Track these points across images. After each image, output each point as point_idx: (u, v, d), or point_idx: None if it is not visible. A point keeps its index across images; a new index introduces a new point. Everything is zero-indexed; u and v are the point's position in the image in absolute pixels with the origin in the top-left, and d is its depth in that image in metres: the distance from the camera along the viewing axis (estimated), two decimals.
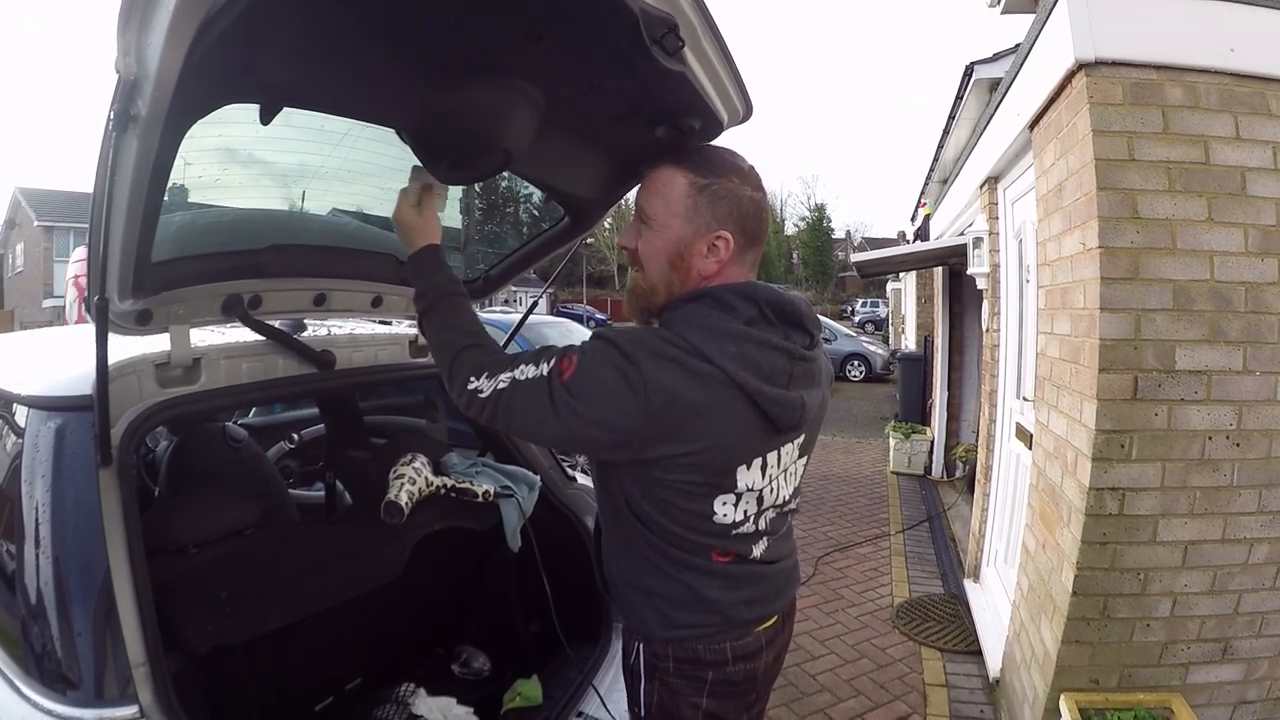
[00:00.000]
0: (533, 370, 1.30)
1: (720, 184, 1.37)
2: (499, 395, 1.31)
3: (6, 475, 1.56)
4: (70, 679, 1.35)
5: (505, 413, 1.31)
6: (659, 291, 1.43)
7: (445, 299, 1.49)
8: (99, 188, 1.15)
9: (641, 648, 1.47)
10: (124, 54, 0.98)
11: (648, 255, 1.42)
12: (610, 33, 1.25)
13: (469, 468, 2.32)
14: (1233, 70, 2.38)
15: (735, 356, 1.27)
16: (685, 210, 1.37)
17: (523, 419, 1.31)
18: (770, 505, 1.44)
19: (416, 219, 1.58)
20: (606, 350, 1.27)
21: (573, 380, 1.26)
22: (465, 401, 1.35)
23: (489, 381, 1.32)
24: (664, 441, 1.27)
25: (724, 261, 1.38)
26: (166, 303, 1.55)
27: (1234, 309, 2.37)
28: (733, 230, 1.37)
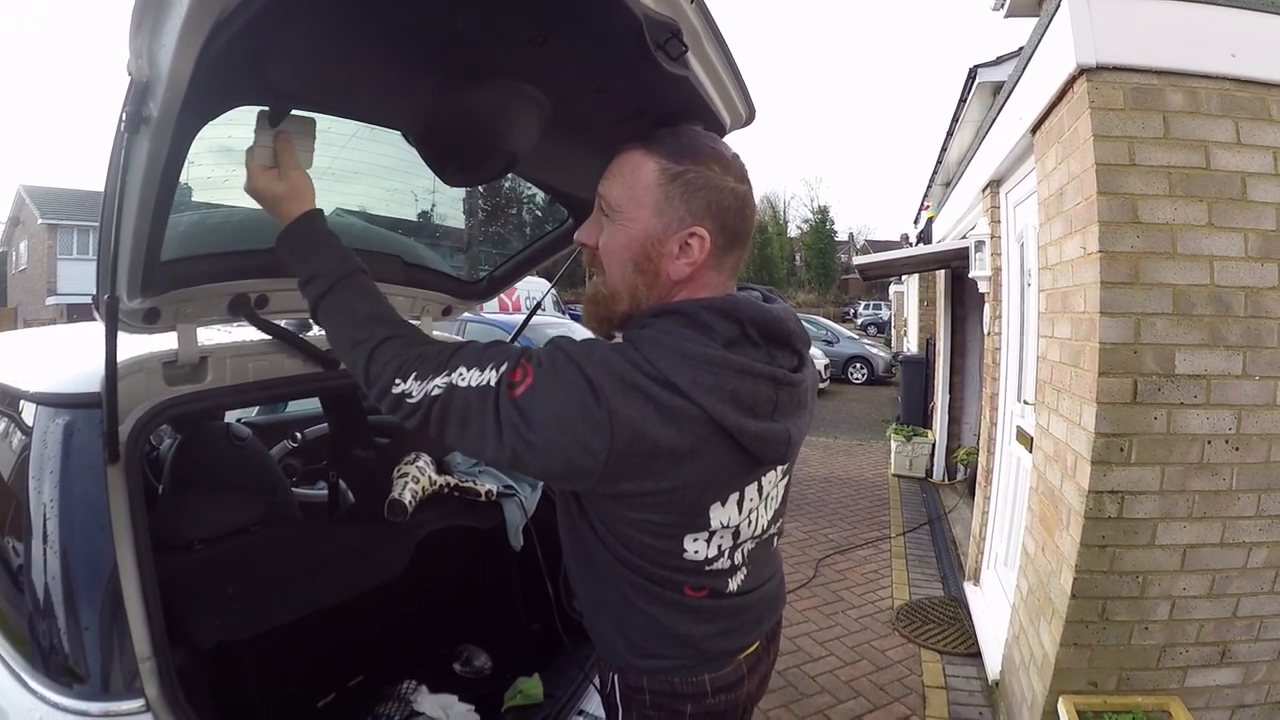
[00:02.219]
0: (476, 376, 1.09)
1: (697, 172, 1.17)
2: (432, 402, 1.10)
3: (15, 471, 1.57)
4: (77, 673, 1.36)
5: (438, 423, 1.11)
6: (621, 298, 1.22)
7: (345, 280, 1.25)
8: (110, 188, 1.17)
9: (616, 678, 1.33)
10: (136, 57, 0.99)
11: (609, 253, 1.22)
12: (614, 37, 1.26)
13: (472, 467, 2.34)
14: (1233, 75, 2.40)
15: (712, 388, 1.08)
16: (654, 201, 1.17)
17: (459, 433, 1.10)
18: (748, 538, 1.27)
19: (277, 184, 1.31)
20: (567, 370, 1.07)
21: (525, 399, 1.06)
22: (390, 405, 1.14)
23: (419, 384, 1.11)
24: (627, 480, 1.08)
25: (698, 264, 1.17)
26: (174, 301, 1.56)
27: (1234, 314, 2.38)
28: (710, 227, 1.16)
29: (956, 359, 8.20)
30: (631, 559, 1.20)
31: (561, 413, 1.04)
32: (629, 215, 1.19)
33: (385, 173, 1.96)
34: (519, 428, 1.05)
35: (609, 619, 1.30)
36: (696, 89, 1.46)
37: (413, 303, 2.26)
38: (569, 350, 1.09)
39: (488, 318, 8.84)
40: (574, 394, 1.04)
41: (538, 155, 1.68)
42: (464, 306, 2.45)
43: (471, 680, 2.37)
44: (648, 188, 1.17)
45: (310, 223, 1.30)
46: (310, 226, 1.30)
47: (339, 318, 1.23)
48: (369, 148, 1.78)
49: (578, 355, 1.08)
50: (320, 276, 1.25)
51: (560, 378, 1.06)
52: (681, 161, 1.18)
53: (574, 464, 1.06)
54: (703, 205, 1.16)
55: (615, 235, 1.20)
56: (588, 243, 1.26)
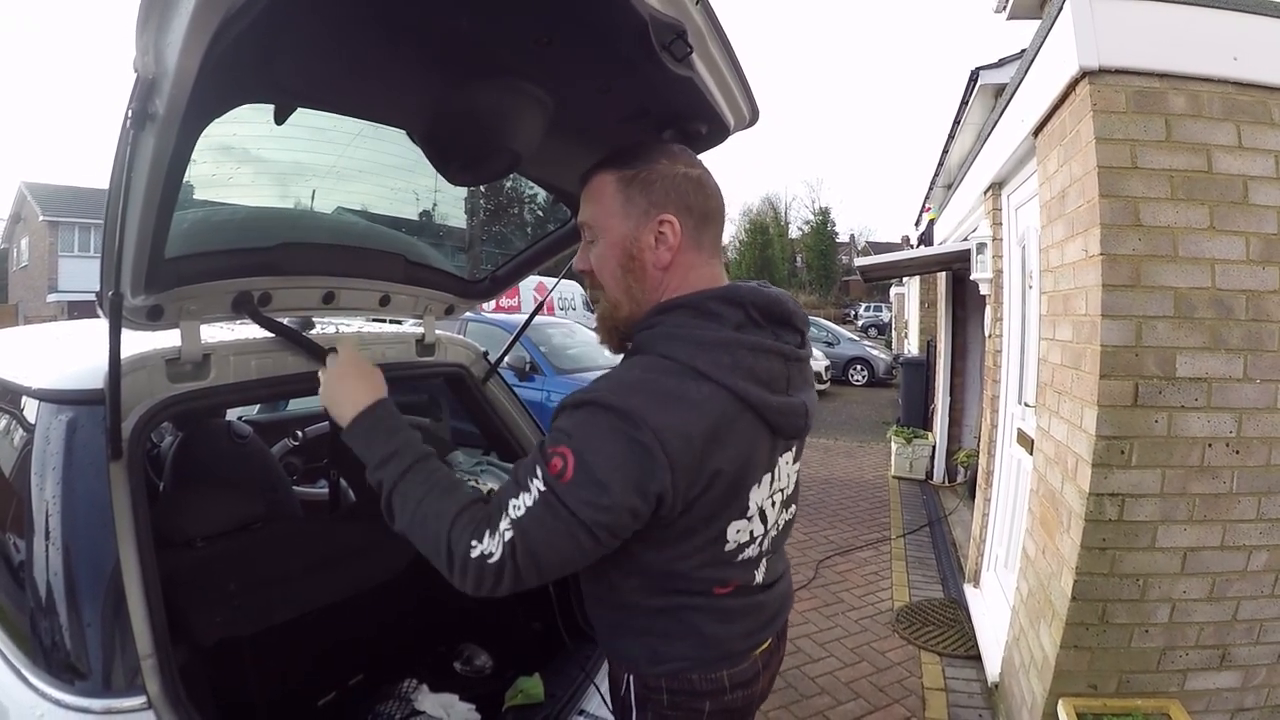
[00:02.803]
0: (526, 497, 1.11)
1: (648, 169, 1.26)
2: (512, 548, 1.10)
3: (17, 467, 1.57)
4: (79, 670, 1.36)
5: (529, 564, 1.10)
6: (621, 303, 1.30)
7: (421, 462, 1.25)
8: (115, 184, 1.17)
9: (632, 679, 1.35)
10: (143, 53, 0.99)
11: (601, 268, 1.31)
12: (619, 38, 1.26)
13: (474, 466, 2.34)
14: (1235, 79, 2.40)
15: (732, 368, 1.15)
16: (619, 206, 1.26)
17: (552, 553, 1.11)
18: (773, 523, 1.35)
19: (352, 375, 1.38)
20: (597, 418, 1.10)
21: (578, 476, 1.08)
22: (476, 575, 1.12)
23: (492, 539, 1.11)
24: (692, 481, 1.13)
25: (676, 248, 1.25)
26: (178, 299, 1.56)
27: (1235, 317, 2.39)
28: (675, 210, 1.25)
29: (957, 361, 8.20)
30: (676, 568, 1.24)
31: (617, 462, 1.08)
32: (604, 227, 1.28)
33: (389, 171, 1.96)
34: (591, 504, 1.08)
35: (630, 634, 1.33)
36: (701, 90, 1.46)
37: (415, 301, 2.26)
38: (590, 398, 1.13)
39: (488, 317, 8.84)
40: (615, 436, 1.09)
41: (541, 154, 1.69)
42: (466, 305, 2.45)
43: (472, 679, 2.37)
44: (611, 197, 1.27)
45: (385, 407, 1.34)
46: (385, 409, 1.33)
47: (418, 499, 1.21)
48: (373, 146, 1.78)
49: (600, 396, 1.12)
50: (396, 457, 1.25)
51: (594, 431, 1.10)
52: (633, 165, 1.27)
53: (650, 495, 1.10)
54: (662, 194, 1.25)
55: (600, 250, 1.30)
56: (584, 268, 1.34)
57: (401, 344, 2.31)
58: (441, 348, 2.41)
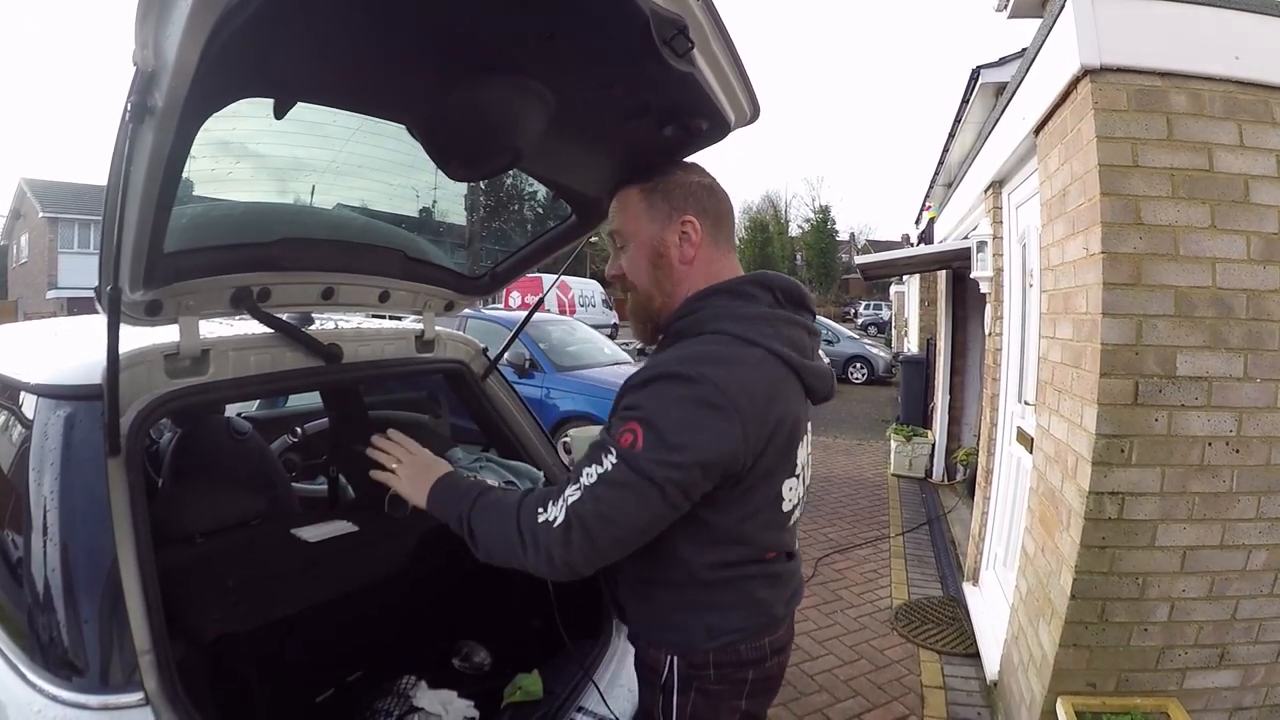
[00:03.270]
0: (598, 468, 1.22)
1: (666, 180, 1.45)
2: (577, 511, 1.20)
3: (15, 463, 1.57)
4: (76, 665, 1.36)
5: (597, 524, 1.20)
6: (655, 298, 1.46)
7: (484, 493, 1.41)
8: (114, 178, 1.16)
9: (675, 661, 1.42)
10: (142, 46, 0.99)
11: (633, 269, 1.47)
12: (621, 33, 1.26)
13: (473, 463, 2.34)
14: (1237, 78, 2.39)
15: (774, 336, 1.33)
16: (645, 212, 1.44)
17: (619, 518, 1.21)
18: (805, 488, 1.49)
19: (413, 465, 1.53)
20: (665, 388, 1.23)
21: (649, 441, 1.19)
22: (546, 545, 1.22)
23: (556, 506, 1.22)
24: (759, 435, 1.26)
25: (698, 244, 1.43)
26: (177, 294, 1.56)
27: (1235, 315, 2.38)
28: (694, 213, 1.43)
29: (957, 359, 8.20)
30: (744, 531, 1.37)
31: (688, 423, 1.20)
32: (633, 232, 1.46)
33: (388, 167, 1.96)
34: (663, 463, 1.18)
35: (686, 611, 1.41)
36: (702, 86, 1.46)
37: (414, 297, 2.26)
38: (654, 375, 1.26)
39: (488, 314, 8.83)
40: (685, 401, 1.21)
41: (541, 151, 1.68)
42: (466, 302, 2.45)
43: (471, 676, 2.37)
44: (636, 205, 1.45)
45: (449, 477, 1.49)
46: (449, 478, 1.48)
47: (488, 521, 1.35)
48: (373, 142, 1.77)
49: (666, 369, 1.25)
50: (466, 497, 1.40)
51: (664, 400, 1.22)
52: (653, 178, 1.46)
53: (724, 452, 1.22)
54: (681, 199, 1.44)
55: (631, 253, 1.47)
56: (616, 274, 1.51)
57: (401, 340, 2.31)
58: (441, 344, 2.41)
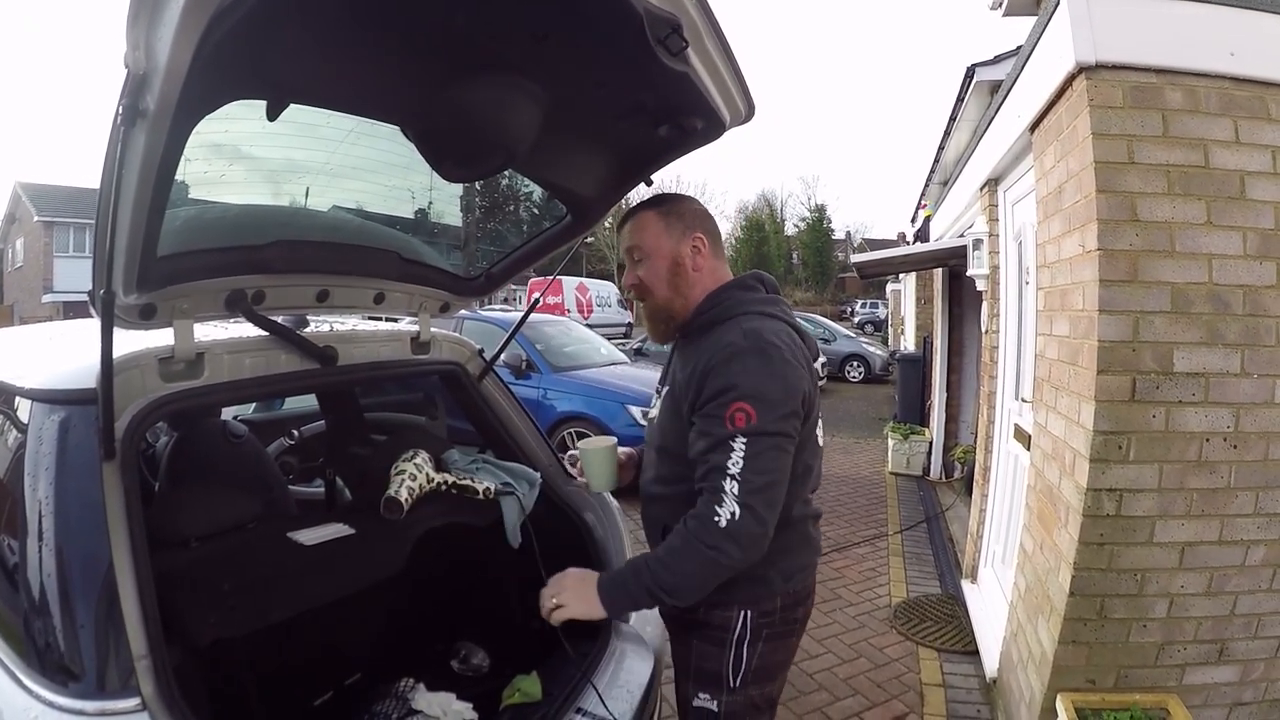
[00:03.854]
0: (730, 454, 1.47)
1: (676, 206, 1.75)
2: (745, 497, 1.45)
3: (9, 468, 1.56)
4: (72, 671, 1.35)
5: (765, 494, 1.48)
6: (674, 301, 1.73)
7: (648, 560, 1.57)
8: (106, 181, 1.16)
9: (748, 614, 1.67)
10: (133, 48, 0.98)
11: (651, 278, 1.73)
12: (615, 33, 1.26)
13: (470, 464, 2.33)
14: (1233, 74, 2.39)
15: (782, 313, 1.69)
16: (664, 231, 1.72)
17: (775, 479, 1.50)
18: None
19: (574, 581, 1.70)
20: (747, 360, 1.51)
21: (758, 409, 1.48)
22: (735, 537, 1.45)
23: (725, 506, 1.45)
24: (810, 381, 1.61)
25: (705, 256, 1.74)
26: (171, 297, 1.56)
27: (1232, 312, 2.38)
28: (701, 231, 1.74)
29: (954, 357, 8.21)
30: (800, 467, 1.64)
31: (777, 382, 1.52)
32: (653, 248, 1.72)
33: (383, 169, 1.96)
34: (776, 420, 1.49)
35: (769, 556, 1.58)
36: (696, 85, 1.46)
37: (410, 299, 2.25)
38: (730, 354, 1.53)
39: (484, 315, 8.83)
40: (766, 365, 1.52)
41: (536, 151, 1.68)
42: (461, 303, 2.44)
43: (469, 678, 2.36)
44: (655, 225, 1.73)
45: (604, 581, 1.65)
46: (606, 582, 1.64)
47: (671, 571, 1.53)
48: (367, 143, 1.77)
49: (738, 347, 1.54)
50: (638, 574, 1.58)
51: (751, 371, 1.50)
52: (666, 204, 1.76)
53: (802, 394, 1.56)
54: (691, 220, 1.74)
55: (650, 264, 1.73)
56: (634, 283, 1.76)
57: (396, 342, 2.30)
58: (437, 345, 2.40)
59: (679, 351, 1.79)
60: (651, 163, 1.95)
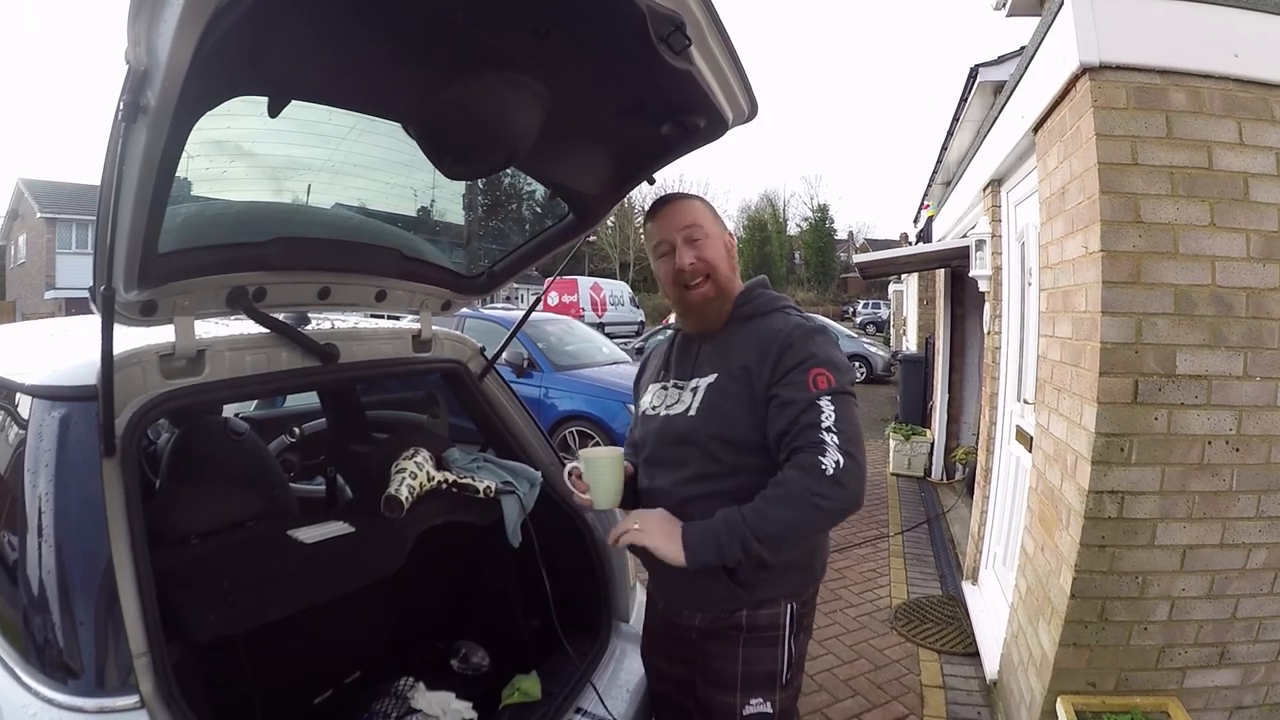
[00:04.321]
0: (827, 413, 1.56)
1: (712, 207, 1.84)
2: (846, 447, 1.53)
3: (10, 465, 1.56)
4: (72, 668, 1.35)
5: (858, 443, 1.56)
6: (731, 280, 1.80)
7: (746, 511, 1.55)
8: (107, 178, 1.16)
9: (792, 607, 1.74)
10: (134, 44, 0.98)
11: (714, 258, 1.75)
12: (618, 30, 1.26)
13: (470, 463, 2.33)
14: (1236, 76, 2.38)
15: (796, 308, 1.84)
16: (715, 220, 1.80)
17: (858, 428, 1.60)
18: None
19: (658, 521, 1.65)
20: (818, 337, 1.66)
21: (834, 373, 1.61)
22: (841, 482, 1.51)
23: (829, 457, 1.52)
24: None
25: (734, 254, 1.86)
26: (172, 294, 1.55)
27: (1235, 314, 2.38)
28: (730, 232, 1.85)
29: (956, 358, 8.19)
30: None
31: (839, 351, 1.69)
32: (711, 231, 1.77)
33: (385, 166, 1.95)
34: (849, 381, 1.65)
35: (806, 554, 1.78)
36: (699, 83, 1.46)
37: (411, 297, 2.25)
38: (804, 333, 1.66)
39: (485, 314, 8.83)
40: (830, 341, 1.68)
41: (538, 149, 1.68)
42: (463, 301, 2.44)
43: (469, 677, 2.37)
44: (708, 213, 1.79)
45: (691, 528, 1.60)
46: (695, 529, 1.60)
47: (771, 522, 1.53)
48: (369, 141, 1.77)
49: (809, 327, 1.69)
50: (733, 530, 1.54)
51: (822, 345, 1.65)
52: (706, 201, 1.83)
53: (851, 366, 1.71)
54: (724, 221, 1.85)
55: (714, 244, 1.77)
56: (696, 260, 1.73)
57: (398, 340, 2.30)
58: (438, 344, 2.40)
59: (711, 342, 1.80)
60: (654, 161, 1.94)
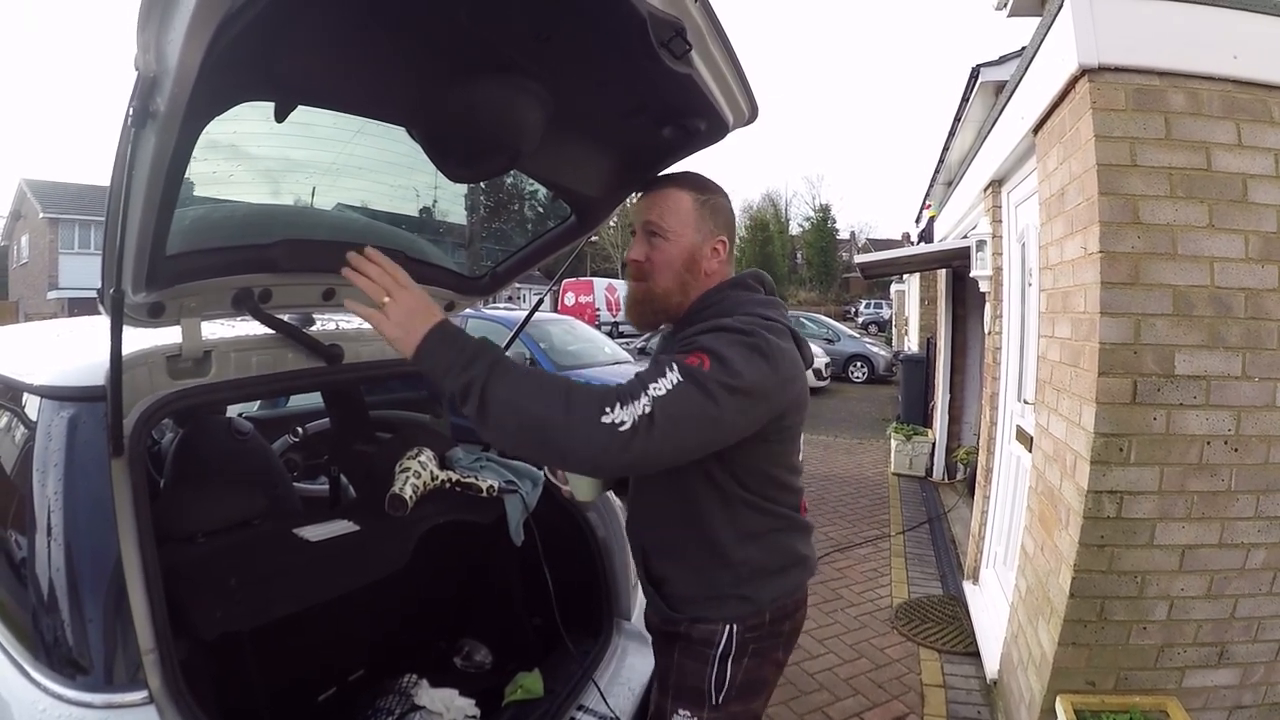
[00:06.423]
0: (665, 382, 1.27)
1: (714, 199, 1.61)
2: (649, 420, 1.22)
3: (19, 464, 1.58)
4: (81, 665, 1.37)
5: (662, 434, 1.23)
6: (673, 294, 1.58)
7: (502, 356, 1.31)
8: (116, 182, 1.17)
9: (733, 629, 1.57)
10: (144, 51, 1.00)
11: (662, 263, 1.57)
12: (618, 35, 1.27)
13: (474, 462, 2.35)
14: (1235, 77, 2.39)
15: (779, 315, 1.53)
16: (695, 221, 1.57)
17: (684, 430, 1.26)
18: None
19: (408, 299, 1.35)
20: (726, 335, 1.38)
21: (715, 366, 1.31)
22: (603, 443, 1.21)
23: (626, 410, 1.22)
24: (789, 386, 1.44)
25: (723, 261, 1.62)
26: (179, 296, 1.57)
27: (1234, 315, 2.39)
28: (727, 236, 1.62)
29: (957, 358, 8.19)
30: (782, 479, 1.58)
31: (744, 357, 1.34)
32: (677, 233, 1.57)
33: (389, 168, 1.97)
34: (725, 383, 1.29)
35: (752, 577, 1.57)
36: (700, 86, 1.47)
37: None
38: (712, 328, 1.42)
39: (488, 314, 8.85)
40: (741, 343, 1.36)
41: (540, 151, 1.69)
42: (466, 302, 2.46)
43: (472, 674, 2.38)
44: (688, 212, 1.57)
45: (445, 327, 1.34)
46: (448, 329, 1.33)
47: (518, 380, 1.28)
48: (373, 143, 1.78)
49: (726, 325, 1.41)
50: (477, 360, 1.29)
51: (726, 341, 1.36)
52: (705, 193, 1.60)
53: (766, 388, 1.37)
54: (723, 221, 1.62)
55: (666, 249, 1.57)
56: (640, 259, 1.59)
57: None
58: None
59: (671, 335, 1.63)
60: (655, 163, 1.96)
